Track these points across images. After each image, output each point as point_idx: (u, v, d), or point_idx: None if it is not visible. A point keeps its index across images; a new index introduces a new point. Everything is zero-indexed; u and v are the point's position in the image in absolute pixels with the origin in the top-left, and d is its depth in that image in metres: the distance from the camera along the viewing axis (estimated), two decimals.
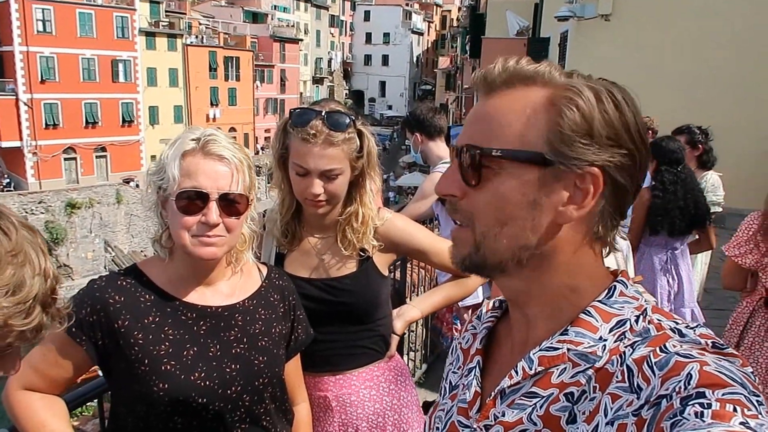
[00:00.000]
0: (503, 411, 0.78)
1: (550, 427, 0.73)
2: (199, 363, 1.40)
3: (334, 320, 1.83)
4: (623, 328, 0.73)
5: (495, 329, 0.93)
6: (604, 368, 0.71)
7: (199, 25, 42.82)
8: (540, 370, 0.76)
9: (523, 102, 0.74)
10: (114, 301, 1.37)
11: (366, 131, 1.79)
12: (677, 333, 0.70)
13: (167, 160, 1.35)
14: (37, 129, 31.63)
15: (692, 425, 0.55)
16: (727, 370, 0.61)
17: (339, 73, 65.88)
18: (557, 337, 0.76)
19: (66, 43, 32.10)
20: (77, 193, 31.83)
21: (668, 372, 0.63)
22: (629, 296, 0.77)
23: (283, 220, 1.85)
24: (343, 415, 1.87)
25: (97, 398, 1.61)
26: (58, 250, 30.44)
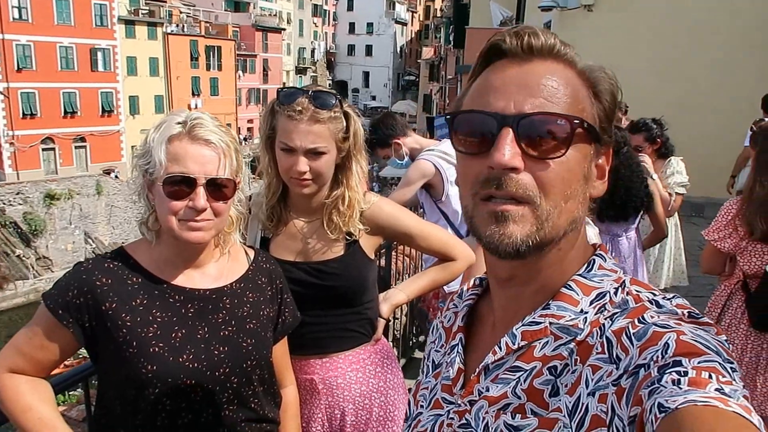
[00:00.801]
0: (487, 386, 0.78)
1: (533, 400, 0.73)
2: (187, 345, 1.40)
3: (320, 303, 1.84)
4: (603, 301, 0.75)
5: (476, 307, 0.94)
6: (585, 341, 0.72)
7: (179, 13, 42.18)
8: (523, 345, 0.77)
9: (567, 76, 0.75)
10: (101, 283, 1.37)
11: (353, 113, 1.80)
12: (655, 304, 0.71)
13: (153, 144, 1.34)
14: (14, 119, 31.01)
15: (669, 392, 0.56)
16: (703, 338, 0.63)
17: (322, 63, 65.45)
18: (539, 312, 0.77)
19: (43, 31, 31.42)
20: (56, 184, 31.32)
21: (646, 342, 0.64)
22: (608, 269, 0.79)
23: (268, 204, 1.86)
24: (329, 397, 1.89)
25: (83, 382, 1.60)
26: (37, 241, 29.97)
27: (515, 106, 0.72)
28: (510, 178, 0.71)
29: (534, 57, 0.75)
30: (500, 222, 0.72)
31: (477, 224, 0.75)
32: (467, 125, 0.77)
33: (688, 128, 8.73)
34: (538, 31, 0.76)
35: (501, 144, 0.71)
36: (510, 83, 0.74)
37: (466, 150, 0.76)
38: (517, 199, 0.72)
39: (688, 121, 8.90)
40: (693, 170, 8.10)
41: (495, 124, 0.72)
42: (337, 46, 69.27)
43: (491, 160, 0.71)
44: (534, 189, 0.72)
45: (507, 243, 0.72)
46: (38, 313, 1.38)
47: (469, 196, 0.76)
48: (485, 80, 0.77)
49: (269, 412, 1.58)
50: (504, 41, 0.76)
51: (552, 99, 0.73)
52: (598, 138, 0.77)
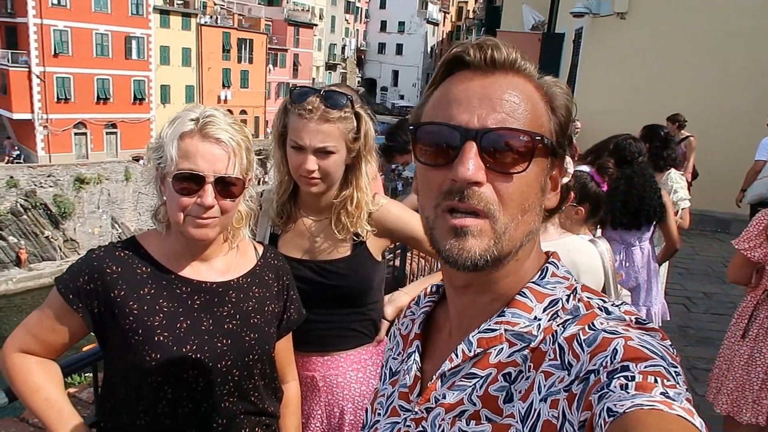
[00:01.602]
0: (444, 393, 0.79)
1: (487, 407, 0.74)
2: (191, 336, 1.43)
3: (325, 302, 1.86)
4: (556, 308, 0.77)
5: (433, 314, 0.95)
6: (538, 348, 0.74)
7: (214, 5, 42.67)
8: (479, 352, 0.78)
9: (527, 90, 0.76)
10: (111, 271, 1.40)
11: (364, 114, 1.80)
12: (604, 311, 0.74)
13: (166, 140, 1.37)
14: (48, 102, 31.72)
15: (618, 397, 0.58)
16: (649, 344, 0.65)
17: (352, 60, 65.61)
18: (495, 319, 0.78)
19: (80, 17, 32.07)
20: (86, 168, 31.98)
21: (596, 348, 0.66)
22: (560, 276, 0.81)
23: (279, 201, 1.88)
24: (329, 395, 1.91)
25: (92, 366, 1.64)
26: (65, 224, 30.65)
27: (479, 120, 0.73)
28: (473, 191, 0.72)
29: (496, 70, 0.76)
30: (459, 237, 0.73)
31: (437, 237, 0.76)
32: (430, 136, 0.77)
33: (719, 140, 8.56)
34: (500, 44, 0.76)
35: (465, 158, 0.72)
36: (473, 96, 0.75)
37: (428, 161, 0.77)
38: (477, 212, 0.73)
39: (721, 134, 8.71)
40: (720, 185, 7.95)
41: (458, 137, 0.73)
42: (368, 44, 69.33)
43: (455, 173, 0.72)
44: (494, 203, 0.73)
45: (465, 257, 0.73)
46: (50, 297, 1.42)
47: (431, 207, 0.76)
48: (447, 91, 0.78)
49: (269, 406, 1.60)
50: (467, 53, 0.77)
51: (514, 114, 0.74)
52: (555, 152, 0.78)
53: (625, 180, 3.75)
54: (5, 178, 29.47)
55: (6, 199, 29.32)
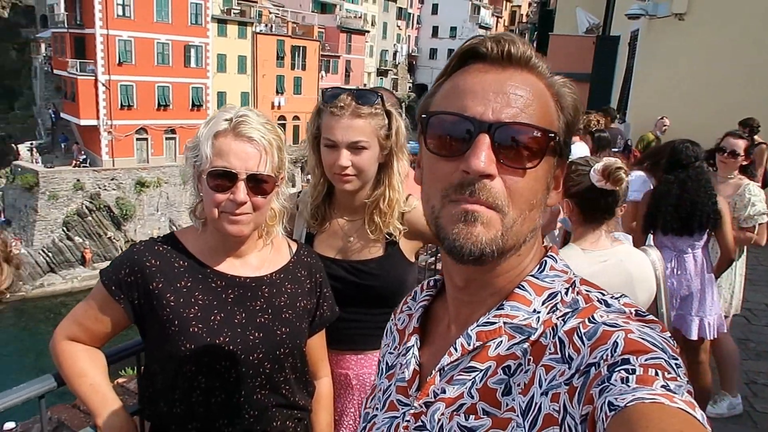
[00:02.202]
0: (443, 387, 0.79)
1: (486, 400, 0.74)
2: (224, 328, 1.48)
3: (358, 301, 1.88)
4: (555, 300, 0.77)
5: (431, 308, 0.94)
6: (538, 341, 0.74)
7: (269, 13, 43.73)
8: (478, 345, 0.78)
9: (539, 88, 0.77)
10: (150, 264, 1.47)
11: (395, 112, 1.83)
12: (603, 304, 0.74)
13: (202, 139, 1.43)
14: (113, 109, 33.24)
15: (619, 390, 0.57)
16: (649, 336, 0.64)
17: (404, 65, 65.82)
18: (494, 312, 0.78)
19: (143, 28, 33.51)
20: (147, 172, 33.36)
21: (596, 341, 0.66)
22: (559, 270, 0.81)
23: (313, 203, 1.92)
24: (362, 393, 1.92)
25: (136, 356, 1.71)
26: (126, 225, 32.02)
27: (493, 113, 0.72)
28: (483, 184, 0.72)
29: (511, 65, 0.76)
30: (468, 222, 0.72)
31: (443, 224, 0.75)
32: (441, 127, 0.76)
33: None
34: (516, 39, 0.77)
35: (478, 150, 0.71)
36: (488, 89, 0.74)
37: (438, 151, 0.76)
38: (486, 205, 0.72)
39: None
40: None
41: (473, 129, 0.72)
42: (420, 50, 69.41)
43: (467, 165, 0.71)
44: (504, 198, 0.72)
45: (472, 243, 0.72)
46: (95, 288, 1.51)
47: (439, 197, 0.75)
48: (461, 82, 0.77)
49: (300, 400, 1.64)
50: (483, 45, 0.76)
51: (527, 110, 0.74)
52: (561, 151, 0.79)
53: (678, 184, 3.63)
54: (72, 181, 31.07)
55: (73, 201, 30.92)
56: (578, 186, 2.23)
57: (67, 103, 34.32)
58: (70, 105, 33.60)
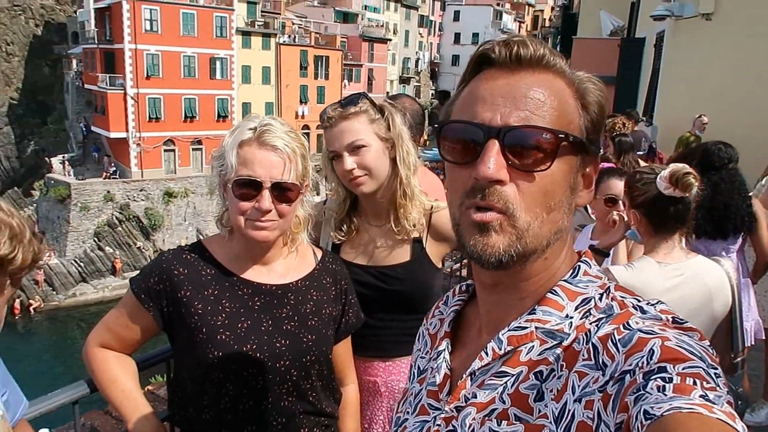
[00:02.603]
0: (474, 392, 0.79)
1: (517, 405, 0.73)
2: (251, 336, 1.49)
3: (386, 307, 1.88)
4: (588, 306, 0.76)
5: (462, 312, 0.94)
6: (571, 347, 0.73)
7: (292, 24, 44.26)
8: (509, 350, 0.77)
9: (556, 87, 0.76)
10: (178, 272, 1.50)
11: (387, 105, 1.84)
12: (639, 310, 0.72)
13: (227, 148, 1.45)
14: (141, 122, 33.94)
15: (655, 399, 0.56)
16: (687, 344, 0.63)
17: (426, 73, 65.89)
18: (525, 317, 0.78)
19: (170, 42, 34.22)
20: (174, 182, 33.94)
21: (631, 348, 0.65)
22: (593, 275, 0.80)
23: (338, 217, 1.94)
24: (391, 400, 1.92)
25: (166, 362, 1.75)
26: (155, 235, 32.58)
27: (502, 118, 0.73)
28: (494, 189, 0.72)
29: (522, 68, 0.75)
30: (483, 232, 0.73)
31: (462, 233, 0.76)
32: (454, 134, 0.77)
33: None
34: (527, 41, 0.76)
35: (487, 156, 0.72)
36: (497, 94, 0.74)
37: (453, 159, 0.77)
38: (497, 210, 0.72)
39: None
40: None
41: (481, 135, 0.73)
42: (442, 57, 69.40)
43: (476, 172, 0.72)
44: (515, 202, 0.72)
45: (489, 253, 0.73)
46: (125, 296, 1.54)
47: (456, 205, 0.77)
48: (474, 89, 0.78)
49: (327, 407, 1.64)
50: (493, 50, 0.76)
51: (538, 111, 0.73)
52: (585, 149, 0.77)
53: (711, 186, 3.56)
54: (103, 192, 31.78)
55: (103, 212, 31.61)
56: (645, 195, 2.15)
57: (97, 116, 35.17)
58: (101, 118, 34.42)
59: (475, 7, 66.94)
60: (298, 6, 50.93)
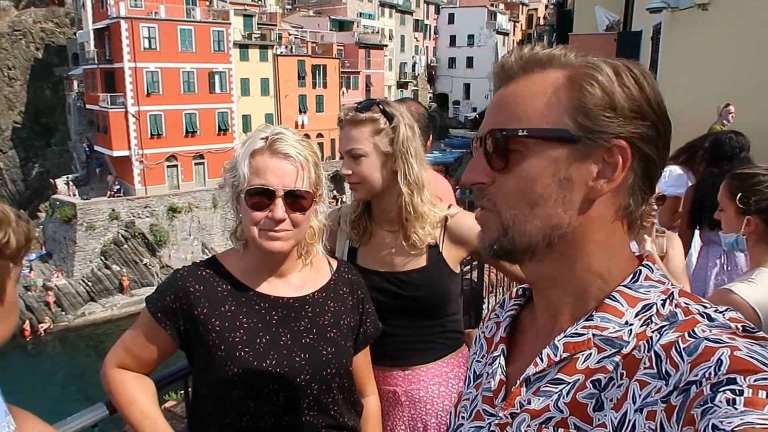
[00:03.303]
0: (529, 399, 0.77)
1: (576, 414, 0.71)
2: (271, 351, 1.48)
3: (403, 314, 1.87)
4: (649, 313, 0.73)
5: (519, 317, 0.93)
6: (631, 354, 0.70)
7: (288, 35, 44.41)
8: (565, 357, 0.75)
9: (541, 84, 0.77)
10: (194, 289, 1.48)
11: (400, 116, 1.81)
12: (706, 317, 0.68)
13: (239, 159, 1.44)
14: (143, 139, 34.03)
15: (724, 413, 0.54)
16: (760, 354, 0.59)
17: (423, 76, 65.97)
18: (582, 323, 0.76)
19: (169, 58, 34.36)
20: (178, 198, 34.01)
21: (697, 358, 0.62)
22: (655, 280, 0.76)
23: (352, 216, 1.93)
24: (412, 410, 1.90)
25: (183, 380, 1.74)
26: (161, 251, 32.63)
27: (485, 127, 0.81)
28: (478, 191, 0.81)
29: (510, 80, 0.81)
30: (481, 227, 0.83)
31: None
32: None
33: None
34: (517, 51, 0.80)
35: (471, 163, 0.82)
36: (489, 106, 0.83)
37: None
38: (486, 208, 0.80)
39: None
40: None
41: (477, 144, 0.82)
42: (438, 60, 69.49)
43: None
44: (495, 200, 0.79)
45: (482, 246, 0.82)
46: (141, 315, 1.53)
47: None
48: None
49: (349, 420, 1.62)
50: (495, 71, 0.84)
51: (506, 114, 0.78)
52: (573, 140, 0.74)
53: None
54: (108, 211, 31.87)
55: (109, 231, 31.68)
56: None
57: (99, 135, 35.31)
58: (103, 137, 34.56)
59: (469, 9, 67.04)
60: (294, 16, 51.16)
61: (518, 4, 75.28)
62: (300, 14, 51.85)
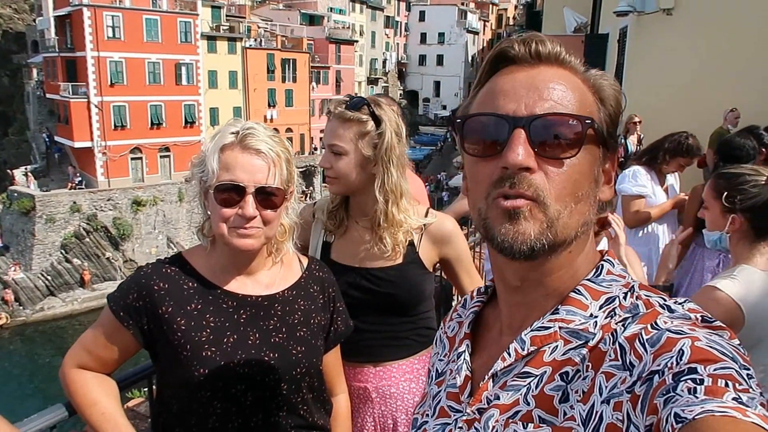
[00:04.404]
0: (496, 394, 0.77)
1: (542, 407, 0.72)
2: (238, 350, 1.44)
3: (376, 310, 1.86)
4: (613, 305, 0.75)
5: (481, 314, 0.93)
6: (597, 347, 0.71)
7: (257, 28, 43.83)
8: (532, 350, 0.76)
9: (574, 81, 0.77)
10: (158, 287, 1.43)
11: (388, 123, 1.80)
12: (666, 309, 0.71)
13: (208, 153, 1.40)
14: (106, 130, 33.15)
15: (685, 401, 0.55)
16: (718, 344, 0.61)
17: (394, 73, 65.97)
18: (548, 317, 0.77)
19: (133, 48, 33.51)
20: (142, 191, 33.28)
21: (660, 348, 0.63)
22: (616, 274, 0.79)
23: (330, 206, 1.92)
24: (382, 406, 1.89)
25: (147, 380, 1.69)
26: (124, 245, 31.89)
27: (526, 108, 0.73)
28: (523, 177, 0.72)
29: (541, 63, 0.76)
30: (513, 219, 0.72)
31: (491, 224, 0.75)
32: (478, 128, 0.77)
33: None
34: (545, 38, 0.77)
35: (514, 144, 0.71)
36: (519, 87, 0.75)
37: (477, 153, 0.77)
38: (527, 198, 0.72)
39: None
40: None
41: (507, 126, 0.73)
42: (409, 57, 69.54)
43: (505, 160, 0.72)
44: (545, 189, 0.72)
45: (521, 241, 0.72)
46: (103, 314, 1.47)
47: (482, 198, 0.76)
48: (493, 85, 0.78)
49: (319, 419, 1.60)
50: (512, 48, 0.77)
51: (561, 102, 0.74)
52: (606, 142, 0.78)
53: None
54: (69, 203, 30.96)
55: (70, 224, 30.80)
56: (755, 199, 2.04)
57: (60, 126, 34.24)
58: (64, 128, 33.52)
59: (440, 7, 67.27)
60: (263, 9, 50.46)
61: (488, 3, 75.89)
62: (270, 7, 51.17)
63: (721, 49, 9.05)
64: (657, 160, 4.22)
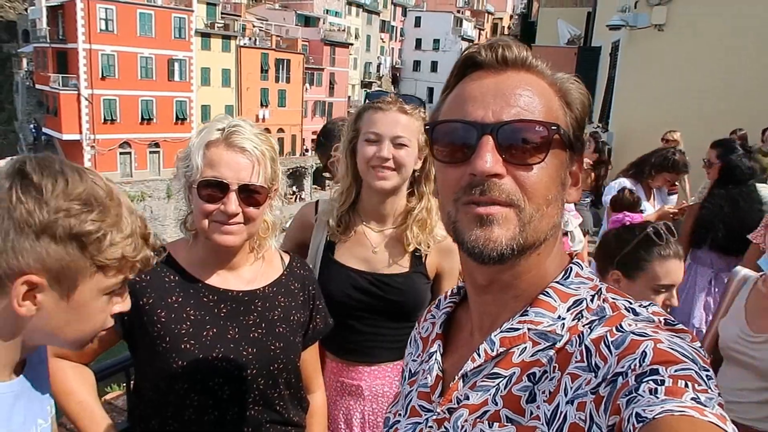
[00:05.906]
0: (466, 394, 0.78)
1: (509, 407, 0.73)
2: (217, 344, 1.45)
3: (380, 314, 1.87)
4: (580, 307, 0.76)
5: (454, 314, 0.94)
6: (564, 349, 0.73)
7: (252, 27, 43.77)
8: (501, 351, 0.77)
9: (540, 86, 0.77)
10: (140, 279, 1.43)
11: None
12: (631, 312, 0.73)
13: (193, 149, 1.40)
14: (95, 123, 32.97)
15: (647, 401, 0.56)
16: (679, 346, 0.63)
17: (387, 78, 66.13)
18: (517, 318, 0.78)
19: (126, 42, 33.36)
20: (130, 186, 33.02)
21: (624, 350, 0.65)
22: (584, 277, 0.80)
23: (341, 209, 1.88)
24: (373, 404, 1.91)
25: (125, 371, 1.68)
26: None
27: (494, 115, 0.74)
28: (493, 183, 0.73)
29: (508, 68, 0.77)
30: (484, 225, 0.73)
31: (460, 228, 0.75)
32: (447, 134, 0.78)
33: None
34: (511, 43, 0.78)
35: (482, 151, 0.72)
36: (487, 93, 0.76)
37: (446, 159, 0.78)
38: (500, 203, 0.73)
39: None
40: None
41: (475, 133, 0.74)
42: (403, 62, 69.80)
43: (473, 168, 0.73)
44: (517, 193, 0.73)
45: (491, 247, 0.73)
46: None
47: (450, 202, 0.77)
48: (461, 90, 0.79)
49: (294, 416, 1.61)
50: (479, 53, 0.78)
51: (528, 108, 0.74)
52: (572, 145, 0.79)
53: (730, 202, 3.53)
54: None
55: None
56: None
57: (49, 117, 33.97)
58: (53, 119, 33.25)
59: (436, 14, 67.65)
60: (259, 8, 50.42)
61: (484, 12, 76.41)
62: (265, 6, 51.13)
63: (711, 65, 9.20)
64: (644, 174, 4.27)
